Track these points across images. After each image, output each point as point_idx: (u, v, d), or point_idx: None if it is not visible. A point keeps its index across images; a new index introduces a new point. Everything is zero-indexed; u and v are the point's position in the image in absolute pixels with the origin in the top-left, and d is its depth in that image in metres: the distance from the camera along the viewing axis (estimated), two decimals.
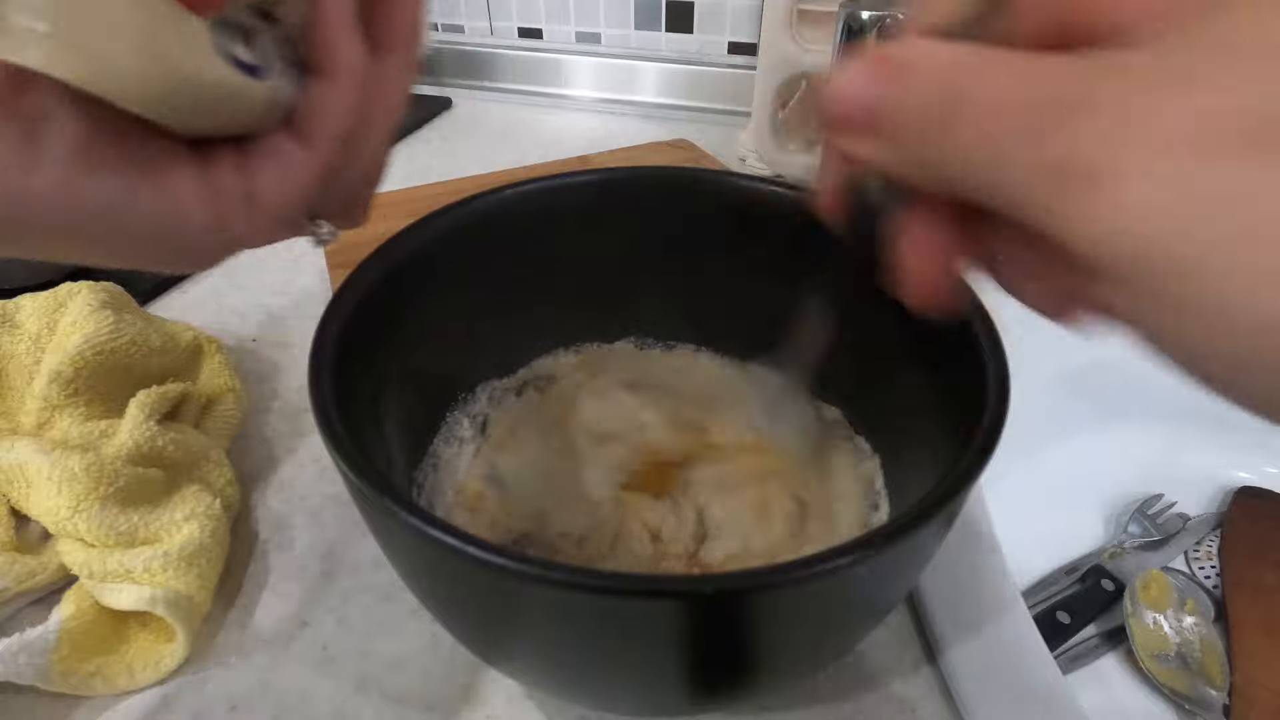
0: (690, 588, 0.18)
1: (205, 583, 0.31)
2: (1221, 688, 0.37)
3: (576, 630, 0.19)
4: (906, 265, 0.17)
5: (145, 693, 0.29)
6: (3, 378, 0.37)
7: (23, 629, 0.28)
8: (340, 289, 0.25)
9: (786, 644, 0.21)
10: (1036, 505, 0.43)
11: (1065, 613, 0.41)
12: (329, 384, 0.22)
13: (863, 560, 0.17)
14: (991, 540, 0.32)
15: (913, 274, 0.17)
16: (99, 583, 0.30)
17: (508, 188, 0.30)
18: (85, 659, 0.29)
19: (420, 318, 0.29)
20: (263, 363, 0.45)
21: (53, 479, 0.30)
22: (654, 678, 0.21)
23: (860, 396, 0.31)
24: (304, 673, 0.30)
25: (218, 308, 0.50)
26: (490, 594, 0.19)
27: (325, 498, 0.37)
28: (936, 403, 0.25)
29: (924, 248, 0.17)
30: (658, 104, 0.81)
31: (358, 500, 0.21)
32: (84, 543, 0.31)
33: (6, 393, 0.37)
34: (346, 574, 0.34)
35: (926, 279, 0.17)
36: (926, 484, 0.20)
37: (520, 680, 0.28)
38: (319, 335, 0.23)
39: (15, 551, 0.32)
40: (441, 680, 0.30)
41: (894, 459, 0.29)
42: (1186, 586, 0.42)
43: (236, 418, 0.40)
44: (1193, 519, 0.46)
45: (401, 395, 0.29)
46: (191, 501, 0.33)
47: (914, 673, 0.30)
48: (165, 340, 0.39)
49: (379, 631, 0.31)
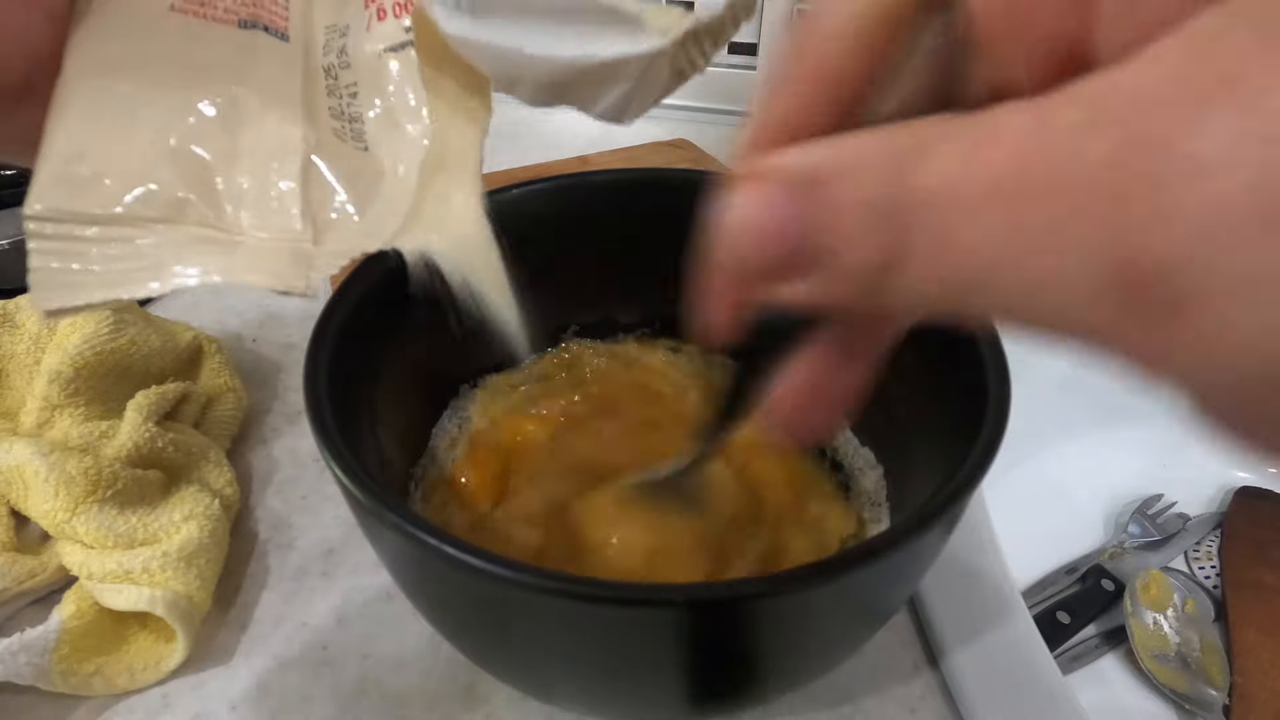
0: (690, 597, 0.18)
1: (205, 583, 0.31)
2: (1221, 688, 0.37)
3: (573, 639, 0.19)
4: (793, 400, 0.14)
5: (145, 693, 0.29)
6: (3, 378, 0.37)
7: (23, 629, 0.28)
8: (340, 288, 0.25)
9: (789, 651, 0.21)
10: (1036, 505, 0.43)
11: (1065, 613, 0.41)
12: (325, 385, 0.22)
13: (866, 567, 0.17)
14: (992, 540, 0.31)
15: (803, 401, 0.14)
16: (98, 583, 0.30)
17: (509, 188, 0.30)
18: (85, 659, 0.29)
19: (420, 316, 0.29)
20: (263, 363, 0.45)
21: (50, 482, 0.30)
22: (654, 686, 0.21)
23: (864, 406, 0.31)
24: (304, 673, 0.30)
25: (218, 308, 0.50)
26: (478, 598, 0.19)
27: (325, 498, 0.37)
28: (938, 410, 0.25)
29: (819, 376, 0.14)
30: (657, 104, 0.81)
31: (349, 502, 0.21)
32: (83, 544, 0.31)
33: (6, 393, 0.37)
34: (346, 574, 0.34)
35: (814, 414, 0.15)
36: (928, 490, 0.20)
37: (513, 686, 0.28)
38: (316, 335, 0.23)
39: (15, 552, 0.32)
40: (441, 680, 0.30)
41: (897, 467, 0.29)
42: (1186, 586, 0.42)
43: (236, 418, 0.40)
44: (1193, 519, 0.46)
45: (400, 393, 0.29)
46: (190, 502, 0.33)
47: (914, 673, 0.30)
48: (165, 340, 0.39)
49: (379, 631, 0.31)
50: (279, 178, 0.18)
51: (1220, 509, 0.46)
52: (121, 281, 0.17)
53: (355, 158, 0.20)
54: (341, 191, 0.19)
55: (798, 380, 0.14)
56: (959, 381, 0.23)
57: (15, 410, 0.36)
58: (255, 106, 0.19)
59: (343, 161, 0.20)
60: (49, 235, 0.16)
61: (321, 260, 0.18)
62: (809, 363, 0.14)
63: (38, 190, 0.16)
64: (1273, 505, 0.46)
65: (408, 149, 0.20)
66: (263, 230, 0.18)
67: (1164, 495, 0.47)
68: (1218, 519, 0.46)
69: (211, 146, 0.18)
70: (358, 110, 0.20)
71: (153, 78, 0.18)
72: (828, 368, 0.14)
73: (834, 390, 0.14)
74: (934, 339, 0.25)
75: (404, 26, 0.20)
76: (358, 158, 0.20)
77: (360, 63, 0.20)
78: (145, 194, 0.17)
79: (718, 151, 0.67)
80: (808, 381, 0.14)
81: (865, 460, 0.31)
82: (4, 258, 0.47)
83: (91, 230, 0.16)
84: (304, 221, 0.18)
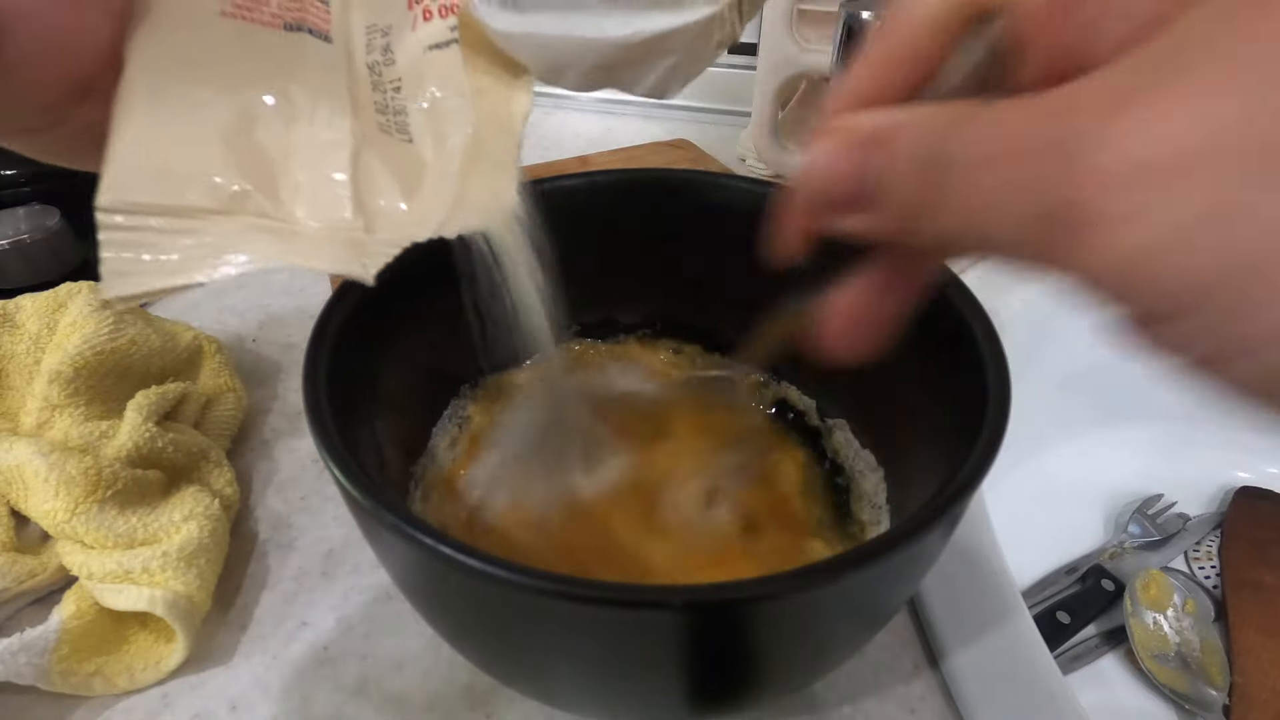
0: (689, 599, 0.18)
1: (205, 583, 0.31)
2: (1221, 688, 0.37)
3: (571, 640, 0.19)
4: (847, 313, 0.17)
5: (145, 693, 0.29)
6: (3, 378, 0.37)
7: (23, 629, 0.28)
8: (340, 288, 0.25)
9: (789, 652, 0.21)
10: (1036, 505, 0.43)
11: (1065, 613, 0.41)
12: (325, 385, 0.22)
13: (866, 568, 0.17)
14: (992, 540, 0.31)
15: (849, 321, 0.17)
16: (98, 583, 0.30)
17: None
18: (85, 659, 0.29)
19: (420, 316, 0.29)
20: (263, 363, 0.45)
21: (50, 482, 0.30)
22: (653, 687, 0.21)
23: (864, 409, 0.31)
24: (304, 673, 0.30)
25: (218, 308, 0.50)
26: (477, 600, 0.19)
27: (325, 498, 0.37)
28: (938, 411, 0.25)
29: (867, 297, 0.17)
30: (657, 104, 0.81)
31: (348, 503, 0.21)
32: (83, 544, 0.31)
33: (6, 393, 0.37)
34: (346, 574, 0.34)
35: (863, 327, 0.17)
36: (928, 491, 0.20)
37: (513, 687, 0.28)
38: (316, 335, 0.23)
39: (15, 552, 0.32)
40: (441, 680, 0.30)
41: (897, 468, 0.29)
42: (1186, 586, 0.42)
43: (236, 418, 0.40)
44: (1193, 519, 0.46)
45: (400, 393, 0.29)
46: (190, 502, 0.33)
47: (914, 673, 0.30)
48: (165, 340, 0.39)
49: (379, 631, 0.31)
50: (331, 169, 0.19)
51: (1220, 509, 0.46)
52: (185, 268, 0.17)
53: (400, 149, 0.21)
54: (389, 182, 0.20)
55: (847, 302, 0.17)
56: (959, 382, 0.23)
57: (15, 410, 0.36)
58: (306, 102, 0.20)
59: (389, 153, 0.21)
60: (118, 225, 0.17)
61: (374, 248, 0.19)
62: (856, 289, 0.17)
63: (107, 182, 0.17)
64: (1273, 505, 0.46)
65: (451, 140, 0.21)
66: (317, 220, 0.19)
67: (1164, 495, 0.47)
68: (1218, 519, 0.46)
69: (267, 141, 0.19)
70: (401, 104, 0.21)
71: (210, 77, 0.19)
72: (872, 295, 0.17)
73: (876, 314, 0.17)
74: (934, 340, 0.25)
75: (449, 26, 0.21)
76: (403, 149, 0.21)
77: (404, 60, 0.21)
78: (207, 186, 0.18)
79: (718, 151, 0.67)
80: (855, 304, 0.17)
81: (866, 462, 0.31)
82: (4, 257, 0.47)
83: (158, 221, 0.17)
84: (355, 211, 0.19)
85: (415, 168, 0.21)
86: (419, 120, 0.21)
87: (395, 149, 0.21)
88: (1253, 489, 0.46)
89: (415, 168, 0.21)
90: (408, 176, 0.21)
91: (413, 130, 0.21)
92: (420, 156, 0.21)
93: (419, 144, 0.21)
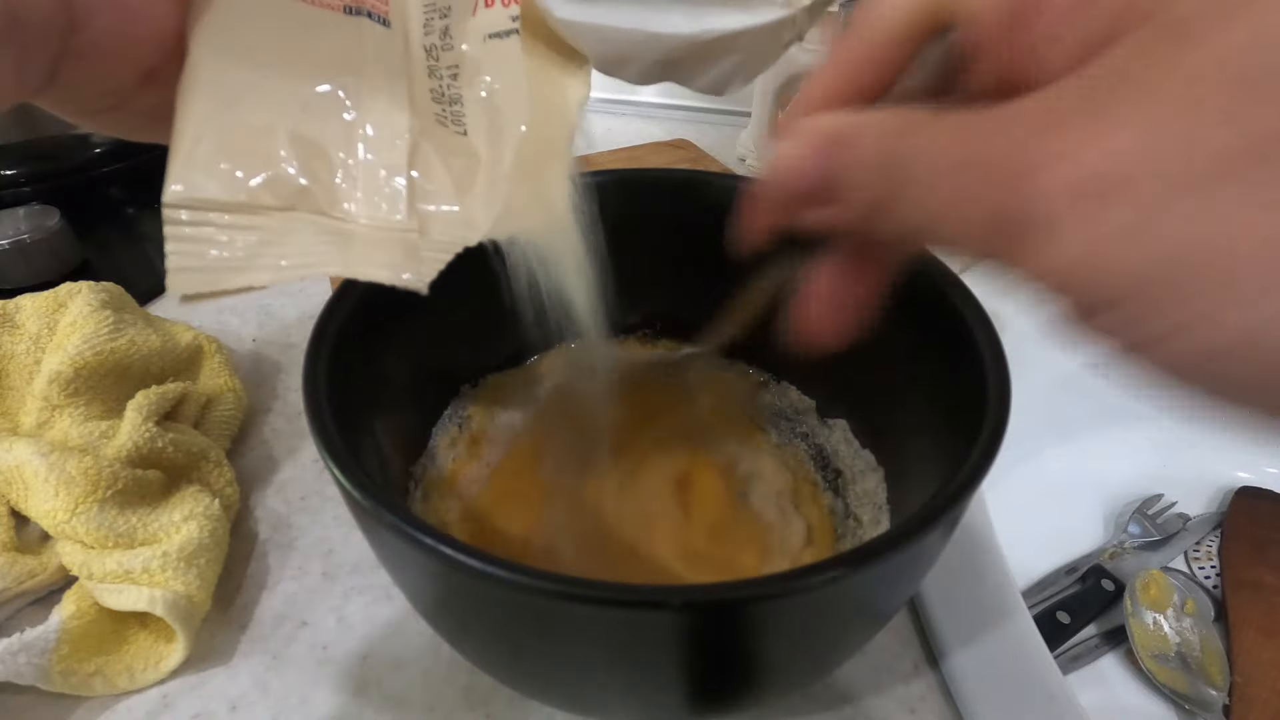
0: (688, 599, 0.17)
1: (205, 583, 0.31)
2: (1221, 688, 0.37)
3: (571, 640, 0.19)
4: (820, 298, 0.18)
5: (145, 693, 0.29)
6: (3, 378, 0.37)
7: (23, 629, 0.28)
8: (340, 288, 0.25)
9: (789, 652, 0.21)
10: (1036, 505, 0.43)
11: (1065, 613, 0.41)
12: (325, 385, 0.22)
13: (866, 568, 0.17)
14: (992, 540, 0.31)
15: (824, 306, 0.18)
16: (98, 583, 0.30)
17: None
18: (85, 659, 0.29)
19: (420, 316, 0.29)
20: (263, 363, 0.45)
21: (50, 482, 0.30)
22: (652, 687, 0.21)
23: (864, 408, 0.31)
24: (304, 673, 0.30)
25: (218, 308, 0.50)
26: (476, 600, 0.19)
27: (325, 498, 0.37)
28: (938, 411, 0.25)
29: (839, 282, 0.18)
30: (658, 104, 0.81)
31: (348, 503, 0.21)
32: (83, 544, 0.31)
33: (6, 393, 0.37)
34: (346, 574, 0.34)
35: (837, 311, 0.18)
36: (928, 491, 0.20)
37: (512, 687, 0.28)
38: (316, 335, 0.23)
39: (15, 552, 0.32)
40: (441, 680, 0.30)
41: (897, 468, 0.29)
42: (1186, 586, 0.42)
43: (236, 418, 0.40)
44: (1193, 519, 0.46)
45: (400, 393, 0.29)
46: (191, 502, 0.33)
47: (914, 673, 0.30)
48: (165, 340, 0.39)
49: (379, 631, 0.31)
50: (388, 166, 0.19)
51: (1220, 509, 0.46)
52: (249, 268, 0.17)
53: (455, 142, 0.20)
54: (444, 179, 0.20)
55: (819, 288, 0.19)
56: (959, 382, 0.23)
57: (15, 410, 0.36)
58: (366, 94, 0.19)
59: (444, 146, 0.20)
60: (183, 221, 0.17)
61: (427, 254, 0.19)
62: (828, 276, 0.18)
63: (172, 178, 0.17)
64: (1273, 505, 0.45)
65: (506, 134, 0.20)
66: (371, 219, 0.18)
67: (1164, 495, 0.47)
68: (1218, 519, 0.46)
69: (328, 135, 0.18)
70: (457, 92, 0.20)
71: (272, 64, 0.18)
72: (843, 280, 0.18)
73: (848, 298, 0.18)
74: (934, 339, 0.25)
75: (511, 16, 0.20)
76: (457, 143, 0.20)
77: (462, 46, 0.20)
78: (270, 181, 0.17)
79: (718, 151, 0.67)
80: (827, 289, 0.18)
81: (866, 462, 0.31)
82: (4, 257, 0.47)
83: (222, 218, 0.17)
84: (409, 212, 0.19)
85: (469, 162, 0.20)
86: (474, 111, 0.20)
87: (450, 142, 0.20)
88: (1253, 489, 0.46)
89: (469, 162, 0.20)
90: (461, 172, 0.20)
91: (467, 121, 0.20)
92: (474, 150, 0.20)
93: (473, 137, 0.20)
